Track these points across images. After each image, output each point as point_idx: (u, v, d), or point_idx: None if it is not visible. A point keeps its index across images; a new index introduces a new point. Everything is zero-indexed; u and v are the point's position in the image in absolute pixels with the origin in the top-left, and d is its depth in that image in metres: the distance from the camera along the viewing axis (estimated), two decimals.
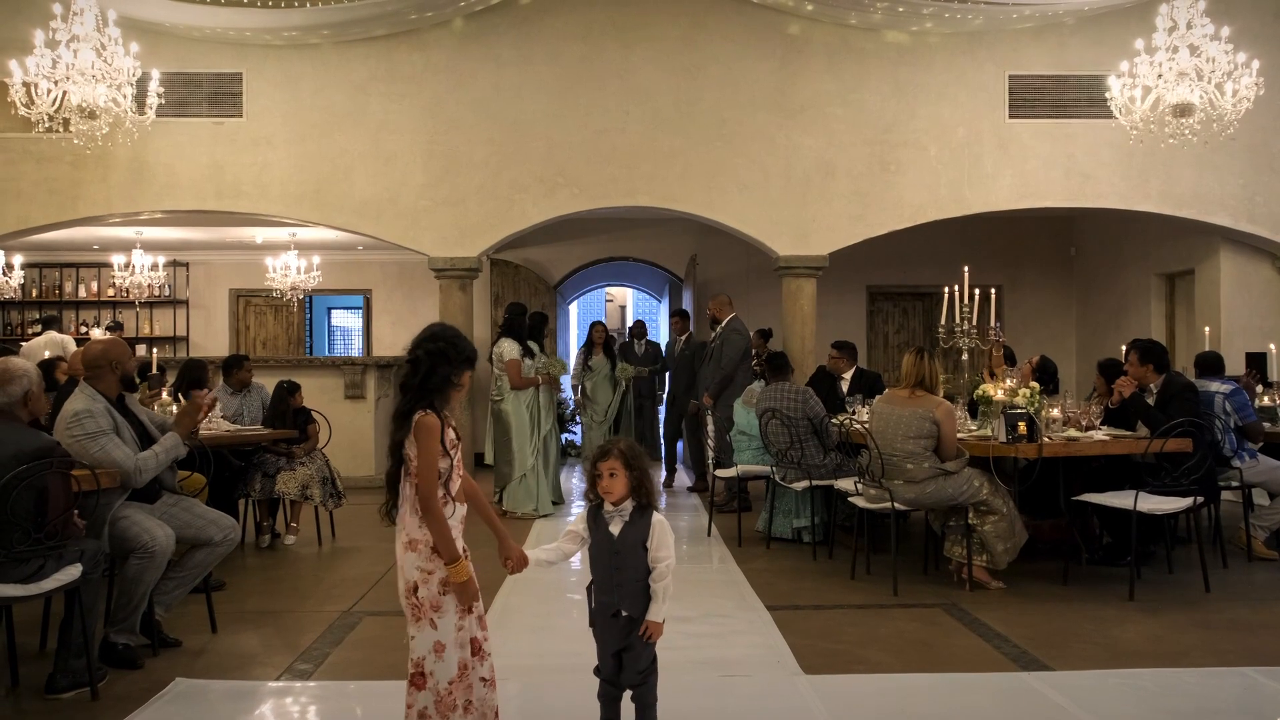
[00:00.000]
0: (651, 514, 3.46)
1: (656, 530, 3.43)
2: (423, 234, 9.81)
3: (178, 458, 4.80)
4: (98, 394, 4.74)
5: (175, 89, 9.52)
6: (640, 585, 3.41)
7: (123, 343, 5.04)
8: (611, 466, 3.47)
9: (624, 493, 3.46)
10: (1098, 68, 9.65)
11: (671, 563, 3.42)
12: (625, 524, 3.47)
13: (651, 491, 3.50)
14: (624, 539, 3.46)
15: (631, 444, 3.54)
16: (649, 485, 3.50)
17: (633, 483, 3.46)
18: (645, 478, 3.48)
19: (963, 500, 5.97)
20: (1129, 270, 12.15)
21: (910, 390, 6.03)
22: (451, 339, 3.38)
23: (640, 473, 3.48)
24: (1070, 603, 5.68)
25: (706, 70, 9.76)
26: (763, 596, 5.85)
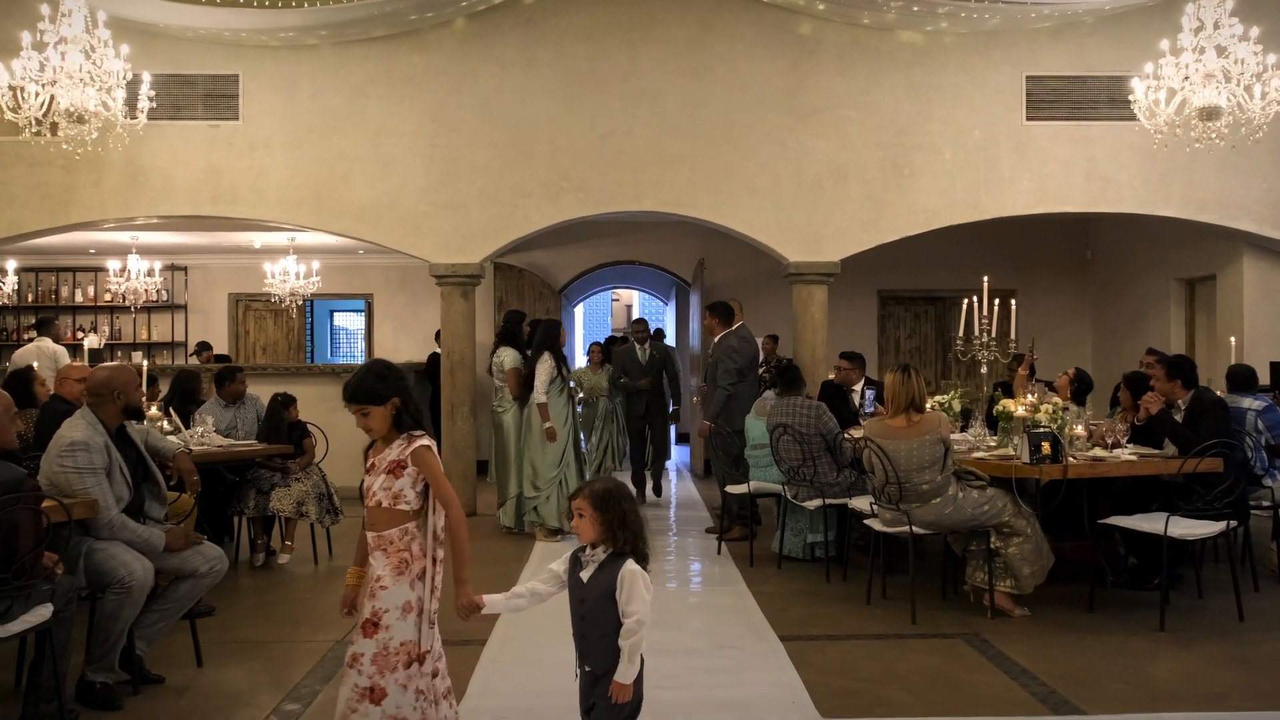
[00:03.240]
0: (625, 563, 3.15)
1: (626, 581, 3.12)
2: (423, 239, 9.56)
3: (149, 549, 4.51)
4: (99, 423, 4.51)
5: (169, 91, 9.26)
6: (607, 641, 3.12)
7: (130, 370, 4.78)
8: (580, 506, 3.22)
9: (592, 536, 3.20)
10: (1118, 68, 9.37)
11: (643, 619, 3.10)
12: (595, 571, 3.20)
13: (632, 538, 3.19)
14: (591, 587, 3.19)
15: (608, 485, 3.25)
16: (628, 531, 3.18)
17: (604, 527, 3.18)
18: (621, 522, 3.17)
19: (984, 522, 5.71)
20: (1147, 275, 11.87)
21: (905, 416, 5.76)
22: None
23: (615, 516, 3.17)
24: (1098, 633, 5.42)
25: (715, 72, 9.49)
26: (775, 625, 5.60)
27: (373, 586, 3.33)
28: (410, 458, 3.34)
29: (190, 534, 4.70)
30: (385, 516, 3.36)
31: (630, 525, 3.19)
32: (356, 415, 3.38)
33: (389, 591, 3.31)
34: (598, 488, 3.24)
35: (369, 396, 3.35)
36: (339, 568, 7.28)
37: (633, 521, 3.21)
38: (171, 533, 4.60)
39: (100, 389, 4.54)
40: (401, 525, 3.35)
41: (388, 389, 3.36)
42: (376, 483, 3.36)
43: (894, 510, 5.78)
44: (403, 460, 3.35)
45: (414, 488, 3.36)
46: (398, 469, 3.35)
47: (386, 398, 3.35)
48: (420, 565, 3.36)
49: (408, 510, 3.35)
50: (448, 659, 5.19)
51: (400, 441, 3.38)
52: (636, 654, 3.11)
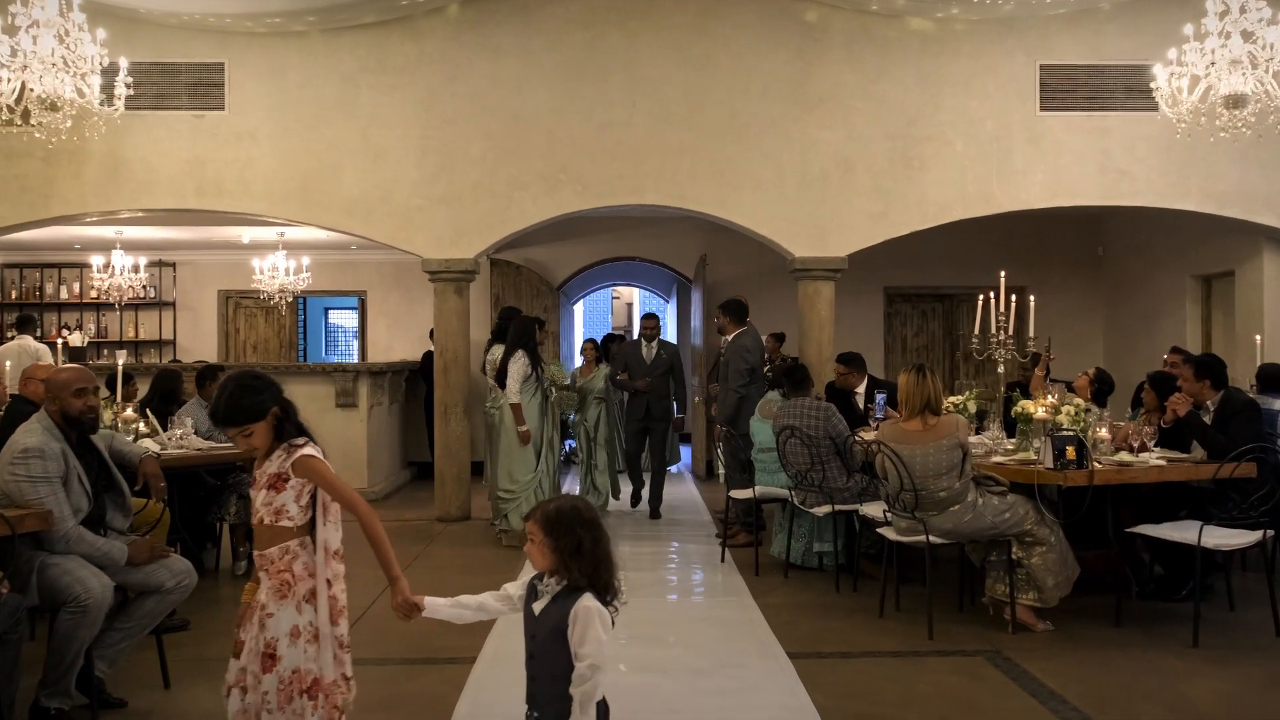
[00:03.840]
0: (579, 598, 2.78)
1: (579, 619, 2.75)
2: (416, 234, 9.23)
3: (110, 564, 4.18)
4: (56, 428, 4.18)
5: (152, 80, 8.95)
6: (558, 685, 2.76)
7: (70, 373, 4.34)
8: (530, 530, 2.87)
9: (544, 565, 2.85)
10: (1135, 57, 9.04)
11: (597, 663, 2.73)
12: (548, 604, 2.84)
13: (590, 569, 2.81)
14: (541, 622, 2.84)
15: (563, 507, 2.88)
16: (585, 561, 2.80)
17: (556, 555, 2.82)
18: (575, 550, 2.80)
19: (1006, 530, 5.39)
20: (1161, 271, 11.53)
21: (920, 420, 5.42)
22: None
23: (569, 543, 2.80)
24: (1128, 650, 5.09)
25: (717, 60, 9.15)
26: (784, 640, 5.27)
27: (261, 615, 3.07)
28: (292, 469, 3.07)
29: (156, 546, 4.37)
30: (268, 534, 3.10)
31: (588, 554, 2.82)
32: (238, 439, 3.13)
33: (275, 618, 3.05)
34: (551, 509, 2.89)
35: (248, 414, 3.08)
36: None
37: (590, 549, 2.82)
38: (135, 545, 4.27)
39: (48, 391, 4.21)
40: (282, 544, 3.08)
41: (264, 401, 3.09)
42: (259, 498, 3.11)
43: (909, 518, 5.45)
44: (284, 473, 3.07)
45: (298, 501, 3.09)
46: (279, 482, 3.08)
47: (265, 410, 3.08)
48: (306, 586, 3.08)
49: (290, 527, 3.09)
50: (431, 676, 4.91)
51: (280, 452, 3.10)
52: (590, 704, 2.73)
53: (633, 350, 9.40)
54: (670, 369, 9.21)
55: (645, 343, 9.32)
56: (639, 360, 9.22)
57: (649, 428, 9.25)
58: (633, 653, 5.17)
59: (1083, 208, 9.88)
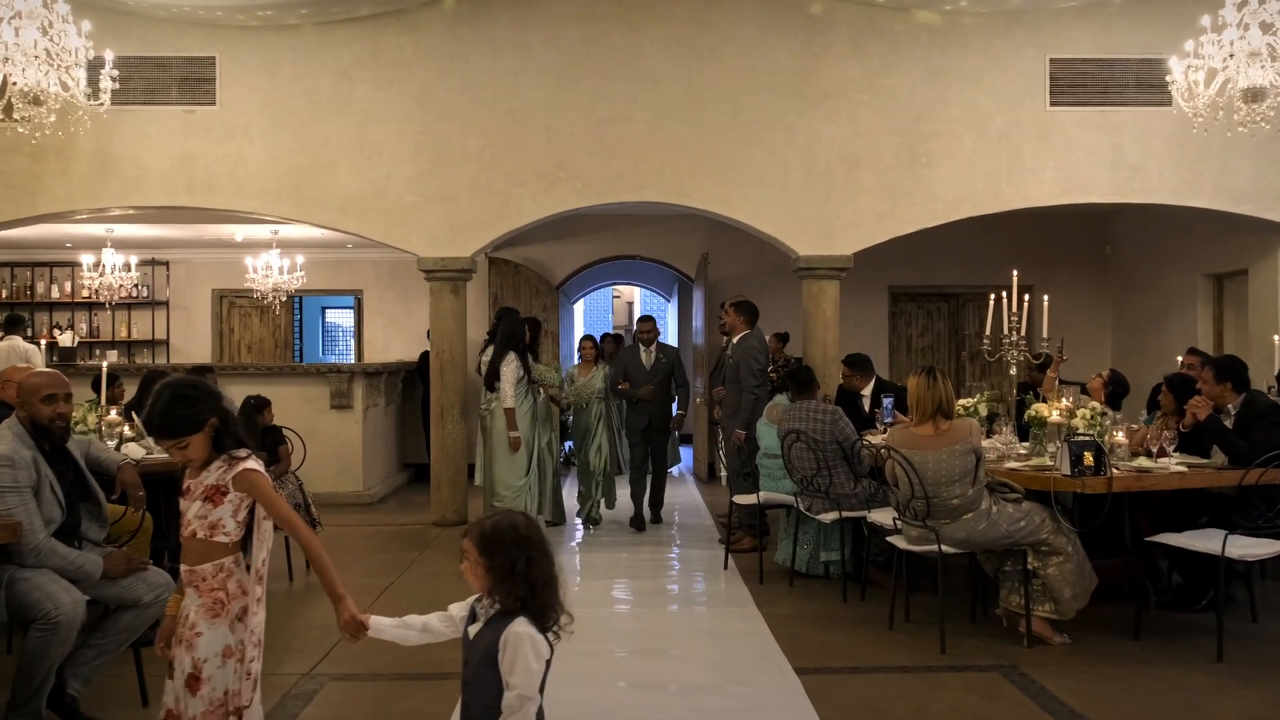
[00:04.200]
0: (512, 623, 2.60)
1: (509, 646, 2.58)
2: (411, 232, 9.02)
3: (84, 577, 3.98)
4: (28, 435, 3.97)
5: (142, 75, 8.76)
6: (487, 716, 2.59)
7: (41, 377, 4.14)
8: (465, 548, 2.69)
9: (479, 586, 2.68)
10: (1148, 50, 8.83)
11: (526, 694, 2.56)
12: (481, 627, 2.67)
13: (526, 591, 2.62)
14: (474, 647, 2.67)
15: (499, 524, 2.69)
16: (520, 583, 2.62)
17: (489, 575, 2.64)
18: (508, 571, 2.61)
19: (1021, 539, 5.18)
20: (1172, 270, 11.31)
21: (932, 424, 5.21)
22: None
23: (503, 563, 2.62)
24: (1149, 665, 4.88)
25: (720, 53, 8.94)
26: (790, 654, 5.06)
27: (187, 634, 2.91)
28: (232, 482, 2.92)
29: (133, 558, 4.16)
30: (199, 549, 2.94)
31: (522, 575, 2.63)
32: (173, 451, 2.96)
33: (205, 638, 2.90)
34: (486, 526, 2.70)
35: (185, 426, 2.92)
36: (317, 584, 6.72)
37: (525, 570, 2.63)
38: (111, 557, 4.07)
39: (19, 396, 4.01)
40: (217, 560, 2.93)
41: (201, 411, 2.93)
42: (191, 509, 2.95)
43: (921, 527, 5.24)
44: (223, 485, 2.93)
45: (235, 517, 2.95)
46: (217, 495, 2.93)
47: (202, 422, 2.93)
48: (240, 604, 2.95)
49: (225, 543, 2.95)
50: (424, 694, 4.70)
51: (219, 464, 2.95)
52: None
53: (631, 356, 8.87)
54: (671, 373, 8.81)
55: (643, 347, 8.81)
56: (638, 367, 8.74)
57: (651, 437, 8.75)
58: (632, 667, 4.98)
59: (1091, 205, 9.68)
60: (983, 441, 5.82)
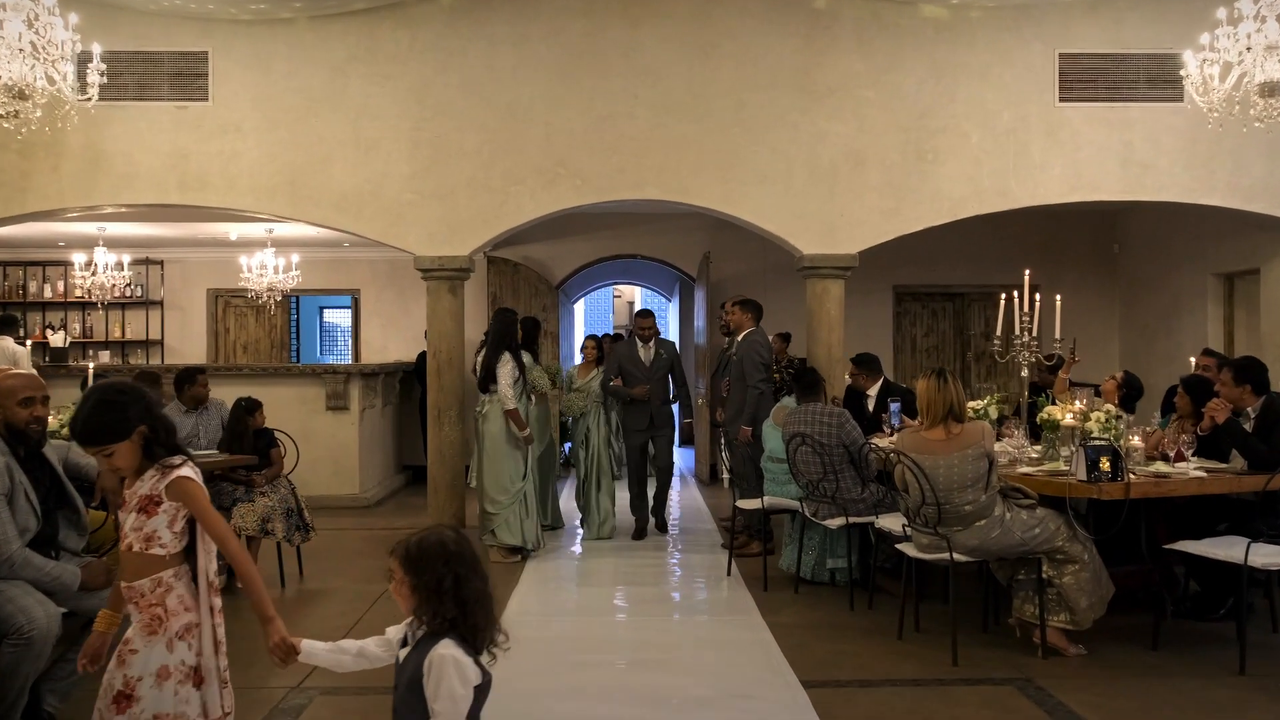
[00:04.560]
0: (437, 645, 2.46)
1: (433, 669, 2.43)
2: (407, 230, 8.85)
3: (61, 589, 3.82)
4: (2, 440, 3.80)
5: (133, 70, 8.60)
6: None
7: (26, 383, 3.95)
8: (392, 566, 2.54)
9: (407, 606, 2.53)
10: (1159, 45, 8.66)
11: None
12: (410, 650, 2.53)
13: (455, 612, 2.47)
14: (403, 670, 2.53)
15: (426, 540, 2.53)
16: (447, 603, 2.47)
17: (415, 595, 2.48)
18: (435, 590, 2.46)
19: (1036, 547, 5.01)
20: (1181, 270, 11.13)
21: (943, 428, 5.03)
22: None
23: (429, 581, 2.47)
24: (1169, 677, 4.71)
25: (722, 49, 8.77)
26: (796, 665, 4.89)
27: (122, 650, 2.79)
28: (166, 491, 2.79)
29: (113, 568, 3.98)
30: (135, 563, 2.81)
31: (451, 594, 2.47)
32: (99, 458, 2.85)
33: (140, 656, 2.77)
34: (413, 542, 2.55)
35: (109, 433, 2.79)
36: (310, 591, 6.59)
37: (454, 589, 2.47)
38: (90, 568, 3.90)
39: None
40: (154, 574, 2.79)
41: (129, 418, 2.79)
42: (128, 522, 2.82)
43: (931, 534, 5.07)
44: (156, 495, 2.79)
45: (171, 528, 2.81)
46: (151, 505, 2.80)
47: (130, 429, 2.79)
48: (180, 622, 2.80)
49: (162, 555, 2.81)
50: None
51: (153, 473, 2.82)
52: None
53: (628, 352, 8.38)
54: (670, 370, 8.44)
55: (641, 344, 8.36)
56: (636, 363, 8.30)
57: (653, 437, 8.35)
58: (632, 680, 4.80)
59: (1100, 203, 9.51)
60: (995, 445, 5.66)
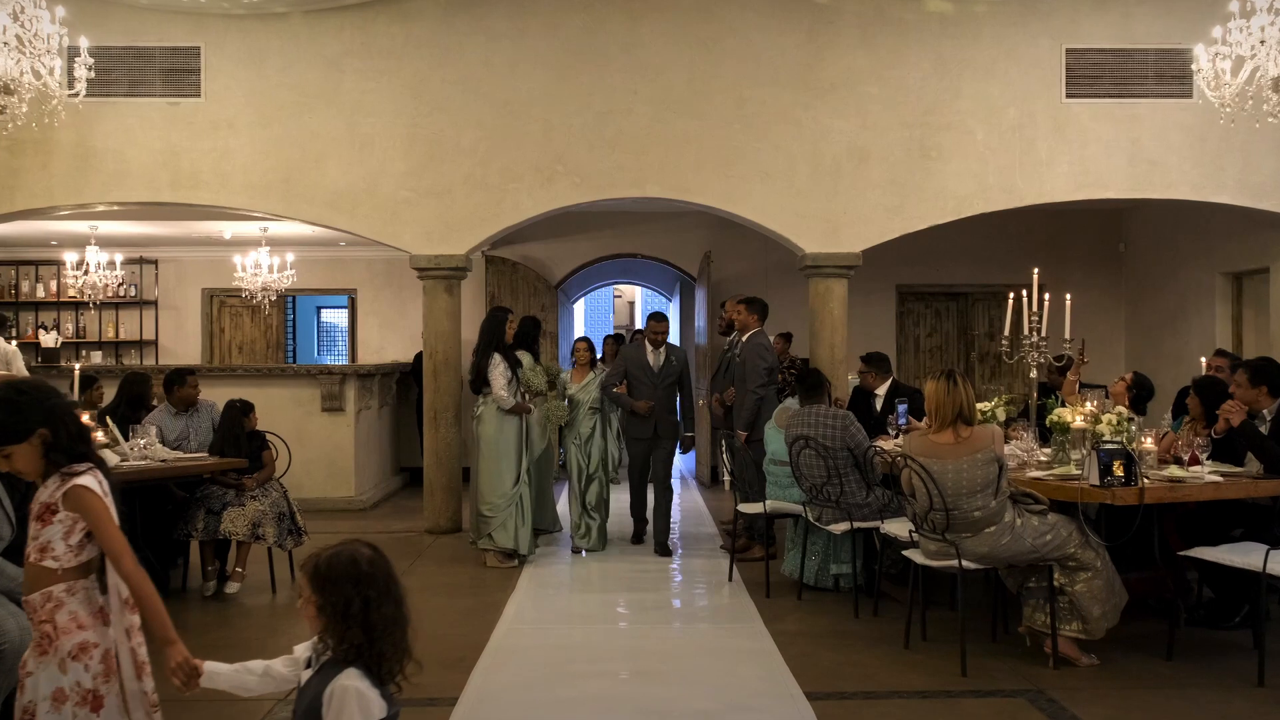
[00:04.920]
0: (340, 674, 2.29)
1: (334, 699, 2.26)
2: (403, 228, 8.71)
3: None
4: None
5: (125, 65, 8.48)
6: None
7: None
8: (300, 583, 2.37)
9: (314, 627, 2.36)
10: (1167, 40, 8.53)
11: None
12: (313, 675, 2.36)
13: (362, 637, 2.30)
14: (303, 695, 2.37)
15: (337, 557, 2.36)
16: (356, 630, 2.30)
17: (321, 615, 2.31)
18: (342, 612, 2.29)
19: (1047, 554, 4.86)
20: (1188, 268, 10.98)
21: (952, 431, 4.88)
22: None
23: (335, 602, 2.30)
24: (1185, 689, 4.56)
25: (724, 43, 8.63)
26: (800, 676, 4.74)
27: (20, 674, 2.66)
28: (62, 500, 2.65)
29: None
30: (32, 575, 2.68)
31: (358, 618, 2.30)
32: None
33: (34, 679, 2.63)
34: (323, 559, 2.37)
35: (3, 434, 2.66)
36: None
37: (361, 612, 2.30)
38: None
39: None
40: (45, 588, 2.65)
41: (27, 419, 2.66)
42: (30, 530, 2.70)
43: (940, 541, 4.92)
44: (53, 503, 2.65)
45: (66, 540, 2.67)
46: (47, 514, 2.66)
47: (27, 431, 2.66)
48: (73, 641, 2.64)
49: (54, 569, 2.66)
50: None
51: (55, 480, 2.68)
52: None
53: (636, 356, 7.82)
54: (679, 379, 7.83)
55: (651, 348, 7.78)
56: (644, 368, 7.73)
57: (654, 446, 7.80)
58: (631, 692, 4.66)
59: (1107, 201, 9.37)
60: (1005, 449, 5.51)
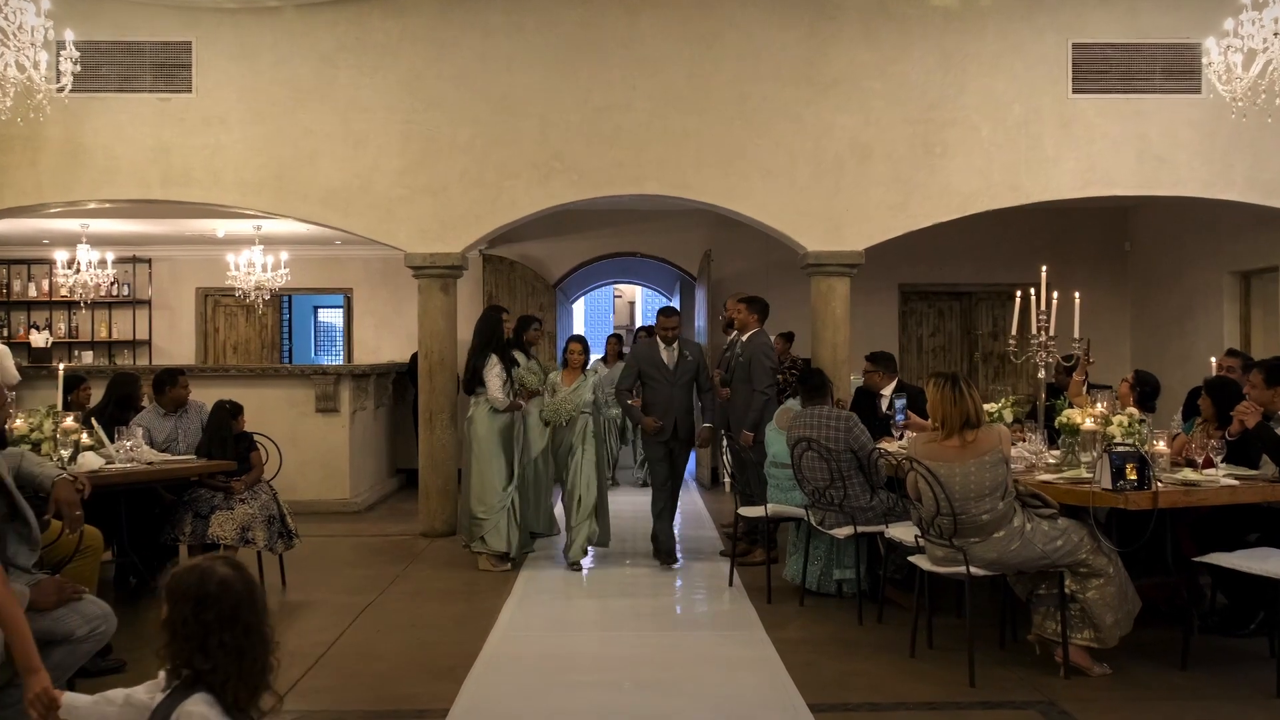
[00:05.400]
0: (186, 700, 2.14)
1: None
2: (398, 226, 8.57)
3: None
4: None
5: (114, 61, 8.34)
6: None
7: None
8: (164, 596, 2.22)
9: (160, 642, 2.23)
10: (1176, 34, 8.38)
11: None
12: (164, 699, 2.21)
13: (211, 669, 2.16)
14: (153, 717, 2.22)
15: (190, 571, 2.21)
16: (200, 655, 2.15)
17: (164, 633, 2.17)
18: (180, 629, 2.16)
19: (1058, 560, 4.71)
20: (1195, 267, 10.83)
21: (959, 438, 4.73)
22: None
23: (177, 618, 2.16)
24: (1201, 700, 4.42)
25: (724, 38, 8.48)
26: (803, 686, 4.59)
27: None
28: None
29: (65, 586, 3.70)
30: None
31: (196, 642, 2.15)
32: None
33: None
34: (180, 572, 2.22)
35: None
36: (291, 603, 6.29)
37: (198, 634, 2.15)
38: (39, 586, 3.60)
39: None
40: None
41: None
42: None
43: (947, 546, 4.77)
44: None
45: None
46: None
47: None
48: None
49: None
50: None
51: None
52: None
53: (648, 355, 7.32)
54: (696, 376, 7.30)
55: (664, 345, 7.31)
56: (658, 367, 7.23)
57: (674, 450, 7.28)
58: (629, 702, 4.51)
59: (1111, 199, 9.23)
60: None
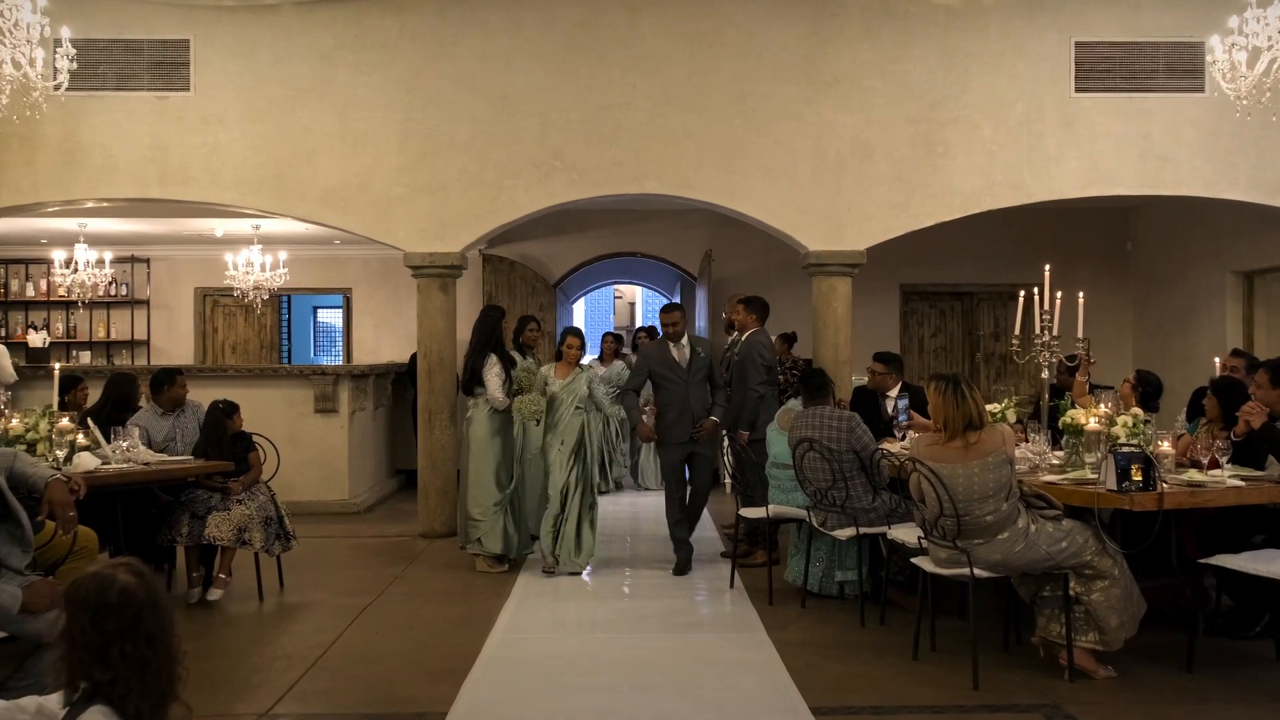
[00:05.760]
0: (85, 711, 2.06)
1: None
2: (397, 226, 8.52)
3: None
4: None
5: (112, 58, 8.29)
6: None
7: None
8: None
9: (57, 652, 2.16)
10: (1179, 33, 8.34)
11: None
12: (64, 713, 2.13)
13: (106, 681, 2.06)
14: None
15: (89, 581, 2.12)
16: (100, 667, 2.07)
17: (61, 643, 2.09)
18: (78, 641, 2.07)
19: (1063, 562, 4.67)
20: (1198, 267, 10.78)
21: (962, 439, 4.68)
22: None
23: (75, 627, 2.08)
24: (1208, 703, 4.38)
25: (724, 37, 8.43)
26: (805, 690, 4.54)
27: None
28: None
29: (59, 588, 3.64)
30: None
31: (96, 653, 2.07)
32: None
33: None
34: (79, 580, 2.13)
35: None
36: (289, 605, 6.24)
37: (97, 645, 2.07)
38: (33, 588, 3.56)
39: None
40: None
41: None
42: None
43: (950, 548, 4.72)
44: None
45: None
46: None
47: None
48: None
49: None
50: None
51: None
52: None
53: (660, 354, 7.03)
54: (709, 372, 7.03)
55: (673, 343, 7.02)
56: (671, 366, 6.95)
57: (694, 453, 7.02)
58: (629, 704, 4.46)
59: (1114, 198, 9.18)
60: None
